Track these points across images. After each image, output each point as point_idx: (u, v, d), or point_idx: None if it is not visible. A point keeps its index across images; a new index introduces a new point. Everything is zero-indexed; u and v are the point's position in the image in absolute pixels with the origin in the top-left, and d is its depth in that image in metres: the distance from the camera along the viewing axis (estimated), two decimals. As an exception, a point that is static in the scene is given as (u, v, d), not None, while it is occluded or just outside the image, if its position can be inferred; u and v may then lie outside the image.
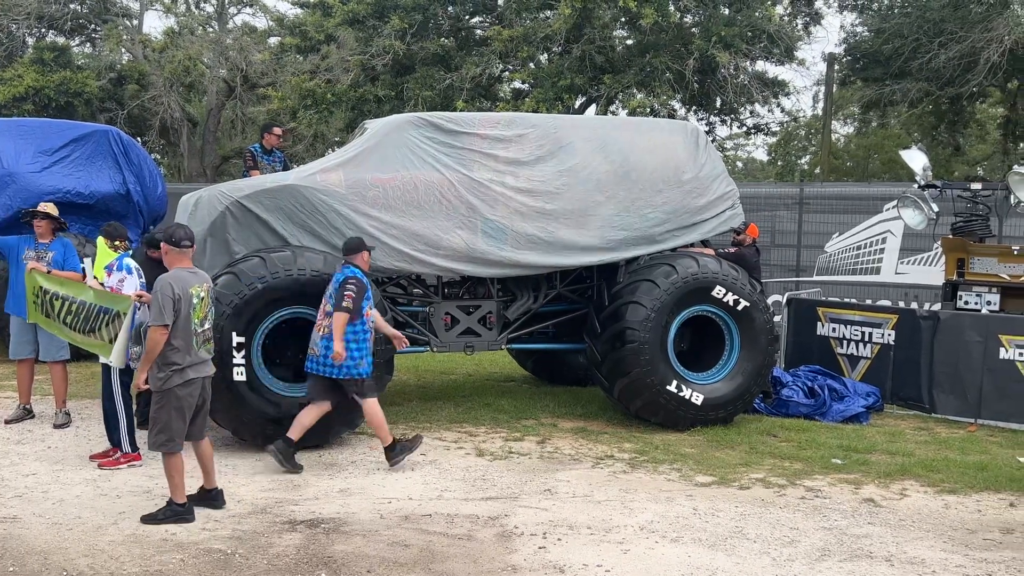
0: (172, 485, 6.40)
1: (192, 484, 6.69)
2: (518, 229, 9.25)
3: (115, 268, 7.70)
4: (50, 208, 9.02)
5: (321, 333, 7.70)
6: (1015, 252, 10.39)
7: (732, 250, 10.37)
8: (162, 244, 6.51)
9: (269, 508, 6.72)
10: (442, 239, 9.02)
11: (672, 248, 9.81)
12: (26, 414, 9.23)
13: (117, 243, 8.36)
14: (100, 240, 8.62)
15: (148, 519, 6.35)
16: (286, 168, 11.14)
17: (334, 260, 8.45)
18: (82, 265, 9.13)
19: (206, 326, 6.49)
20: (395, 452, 7.81)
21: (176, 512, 6.38)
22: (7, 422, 9.05)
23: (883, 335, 10.71)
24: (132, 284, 7.54)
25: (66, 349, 9.10)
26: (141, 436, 8.16)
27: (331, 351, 7.52)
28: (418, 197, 9.01)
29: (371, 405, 7.79)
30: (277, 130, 11.32)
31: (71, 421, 9.11)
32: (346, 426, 8.53)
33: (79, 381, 10.83)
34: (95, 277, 8.26)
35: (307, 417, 7.77)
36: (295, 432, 7.73)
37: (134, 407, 7.97)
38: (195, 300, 6.35)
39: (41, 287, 8.33)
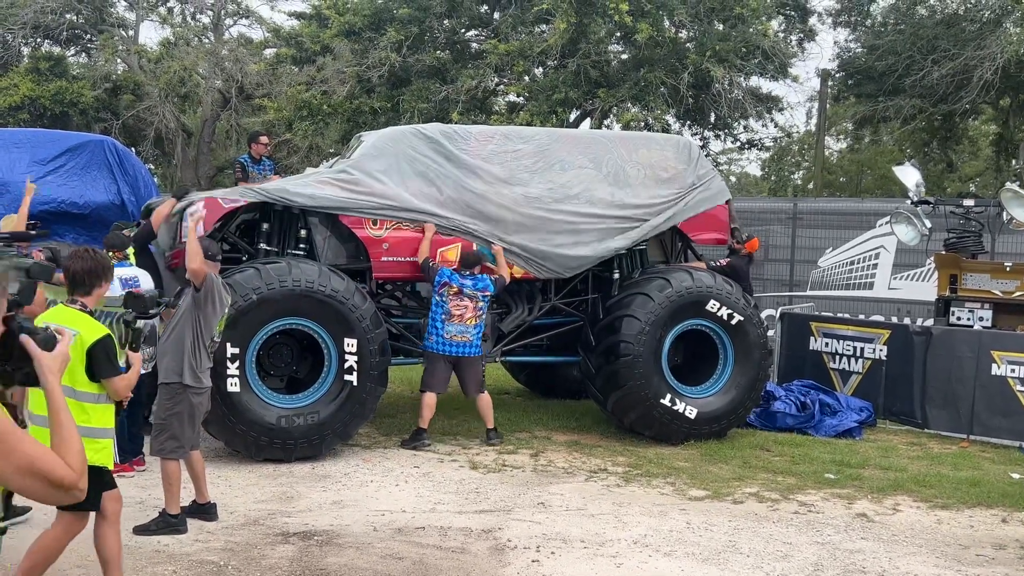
0: (169, 494, 6.39)
1: (184, 496, 6.67)
2: (512, 241, 9.29)
3: None
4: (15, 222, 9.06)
5: (475, 322, 8.98)
6: (1007, 269, 10.44)
7: (723, 262, 10.39)
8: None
9: (262, 520, 6.70)
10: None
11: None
12: (21, 426, 9.18)
13: (112, 252, 8.33)
14: None
15: (140, 530, 6.33)
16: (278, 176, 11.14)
17: (329, 272, 8.47)
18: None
19: (217, 340, 6.72)
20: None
21: (169, 523, 6.37)
22: (-1, 432, 9.00)
23: (875, 350, 10.74)
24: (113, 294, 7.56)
25: None
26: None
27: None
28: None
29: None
30: (263, 139, 11.32)
31: (63, 431, 9.07)
32: (339, 438, 8.53)
33: (72, 391, 10.79)
34: None
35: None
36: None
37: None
38: (226, 310, 6.65)
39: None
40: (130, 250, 8.44)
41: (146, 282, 7.55)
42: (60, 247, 10.67)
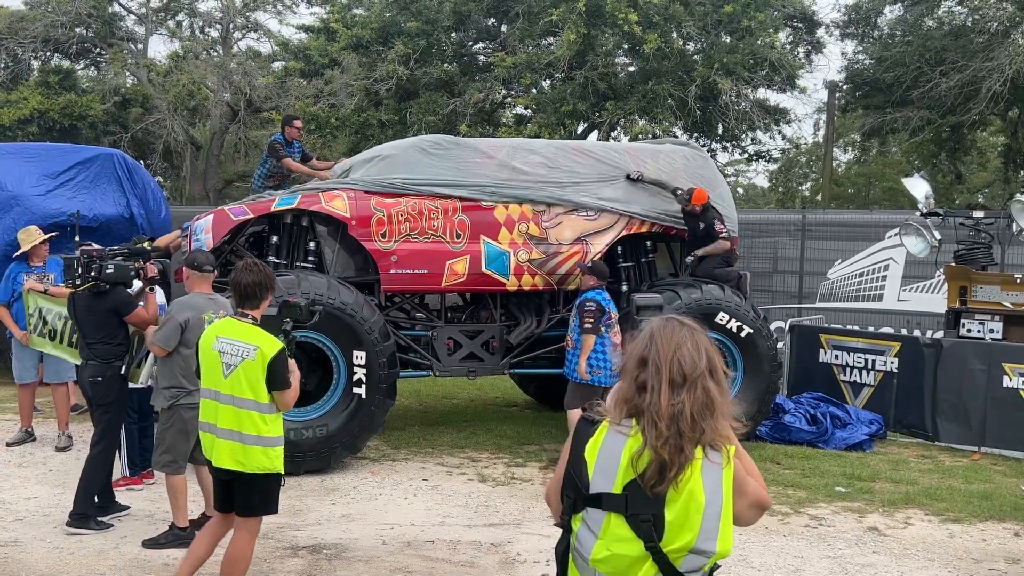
0: (175, 507, 6.38)
1: (194, 509, 6.66)
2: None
3: None
4: (36, 232, 9.14)
5: (569, 347, 8.71)
6: (1018, 280, 10.39)
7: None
8: (184, 268, 6.62)
9: (271, 533, 6.68)
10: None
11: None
12: (28, 437, 9.21)
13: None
14: None
15: (150, 543, 6.33)
16: (305, 159, 11.37)
17: (338, 284, 8.47)
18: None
19: None
20: None
21: (178, 536, 6.35)
22: (9, 445, 9.04)
23: (886, 362, 10.70)
24: None
25: (72, 371, 9.09)
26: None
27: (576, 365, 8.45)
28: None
29: (574, 413, 8.35)
30: (298, 123, 11.48)
31: (72, 444, 9.08)
32: (348, 451, 8.51)
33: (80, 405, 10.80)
34: None
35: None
36: None
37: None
38: (207, 326, 6.38)
39: (40, 308, 8.39)
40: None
41: (160, 296, 7.58)
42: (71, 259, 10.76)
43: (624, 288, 9.93)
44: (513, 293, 9.60)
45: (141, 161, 21.93)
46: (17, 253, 9.26)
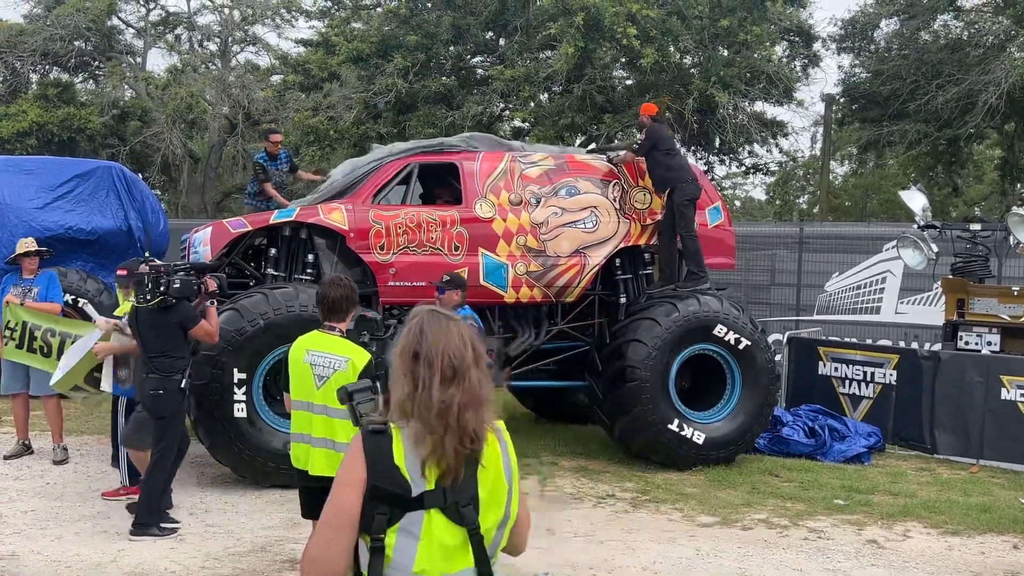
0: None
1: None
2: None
3: None
4: (31, 244, 9.16)
5: None
6: (1015, 293, 10.40)
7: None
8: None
9: (268, 546, 6.67)
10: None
11: None
12: (25, 450, 9.18)
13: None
14: None
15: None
16: (293, 167, 11.61)
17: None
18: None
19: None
20: None
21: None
22: (6, 458, 9.00)
23: (885, 375, 10.70)
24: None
25: None
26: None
27: None
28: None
29: None
30: (274, 136, 11.64)
31: (69, 457, 9.06)
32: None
33: (76, 417, 10.77)
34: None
35: None
36: None
37: None
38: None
39: (23, 322, 8.48)
40: None
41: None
42: (67, 271, 10.80)
43: (623, 300, 9.92)
44: (511, 305, 9.60)
45: (139, 174, 21.95)
46: (7, 259, 9.36)
